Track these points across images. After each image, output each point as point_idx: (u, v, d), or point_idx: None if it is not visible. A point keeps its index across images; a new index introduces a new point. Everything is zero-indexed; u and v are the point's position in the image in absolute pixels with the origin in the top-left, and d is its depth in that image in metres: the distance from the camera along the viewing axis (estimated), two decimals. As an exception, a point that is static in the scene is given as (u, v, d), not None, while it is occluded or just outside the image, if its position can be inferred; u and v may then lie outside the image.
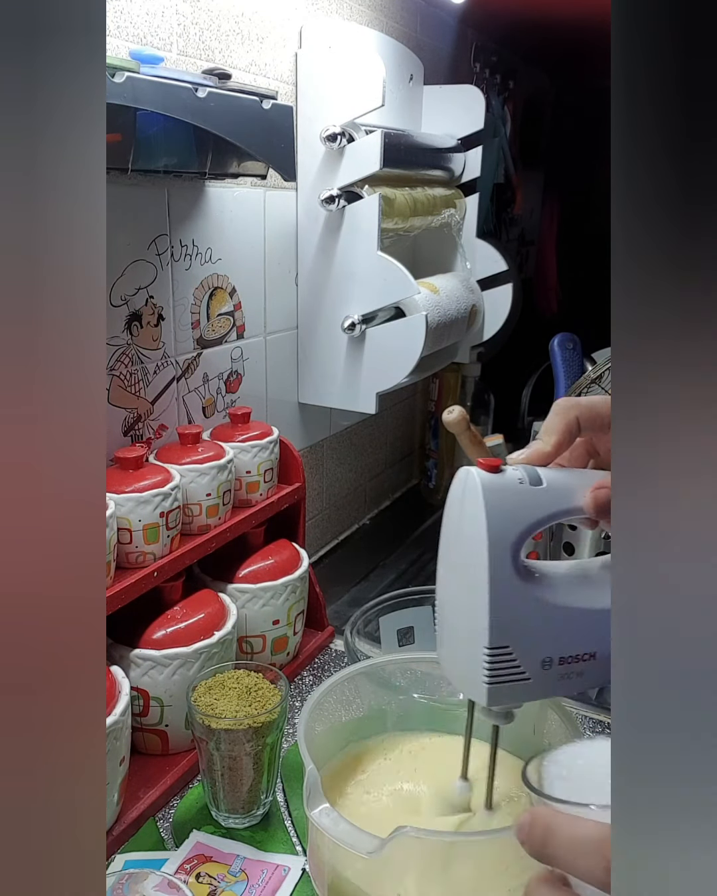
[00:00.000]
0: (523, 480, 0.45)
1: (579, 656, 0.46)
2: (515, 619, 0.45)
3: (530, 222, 1.92)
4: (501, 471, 0.45)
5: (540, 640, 0.46)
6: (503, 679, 0.45)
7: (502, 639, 0.45)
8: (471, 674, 0.46)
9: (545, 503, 0.45)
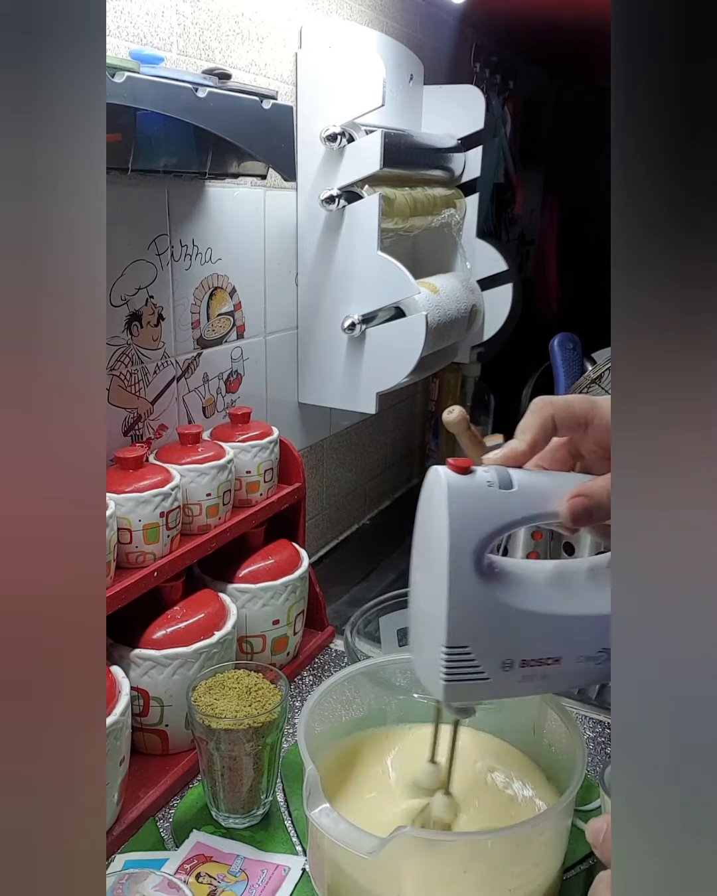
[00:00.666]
0: (493, 483, 0.45)
1: (542, 660, 0.46)
2: (475, 620, 0.45)
3: (530, 222, 1.92)
4: (470, 472, 0.45)
5: (501, 643, 0.46)
6: (461, 677, 0.45)
7: (460, 638, 0.45)
8: (431, 670, 0.46)
9: (515, 507, 0.45)
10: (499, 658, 0.46)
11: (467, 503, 0.44)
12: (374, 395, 1.00)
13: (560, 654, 0.46)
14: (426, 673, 0.48)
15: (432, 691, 0.48)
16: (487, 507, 0.44)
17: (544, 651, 0.46)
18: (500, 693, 0.48)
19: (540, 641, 0.46)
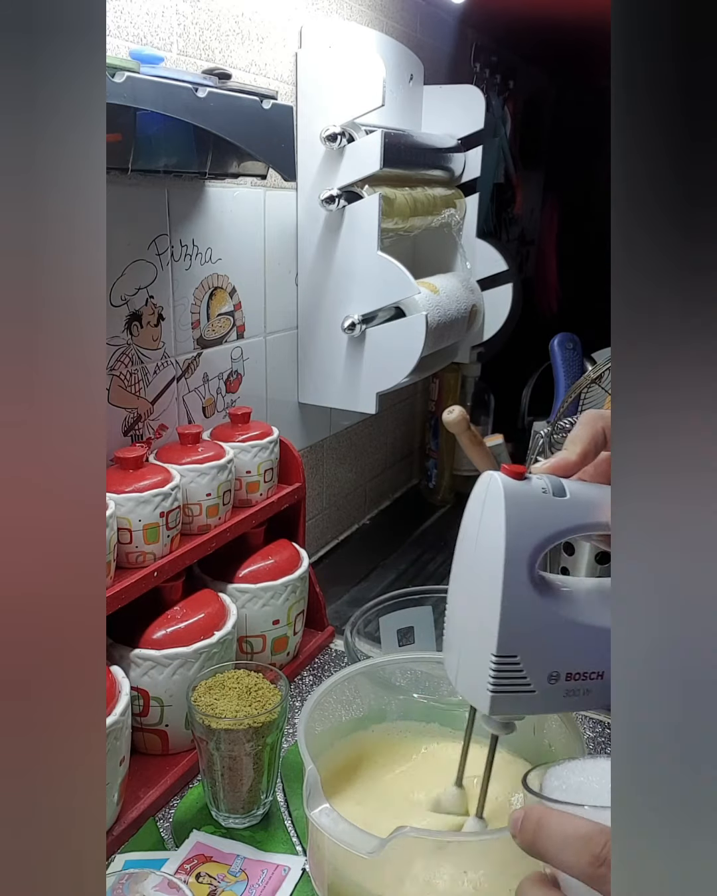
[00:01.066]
0: (547, 490, 0.44)
1: (587, 674, 0.46)
2: (526, 630, 0.44)
3: (530, 222, 1.92)
4: (525, 478, 0.44)
5: (549, 654, 0.45)
6: (508, 689, 0.45)
7: (510, 647, 0.44)
8: (476, 680, 0.46)
9: (568, 515, 0.45)
10: (547, 670, 0.45)
11: (524, 508, 0.44)
12: (374, 395, 1.00)
13: (605, 668, 0.46)
14: (469, 684, 0.47)
15: (477, 703, 0.47)
16: (542, 514, 0.44)
17: (589, 665, 0.46)
18: (544, 707, 0.47)
19: (587, 654, 0.46)
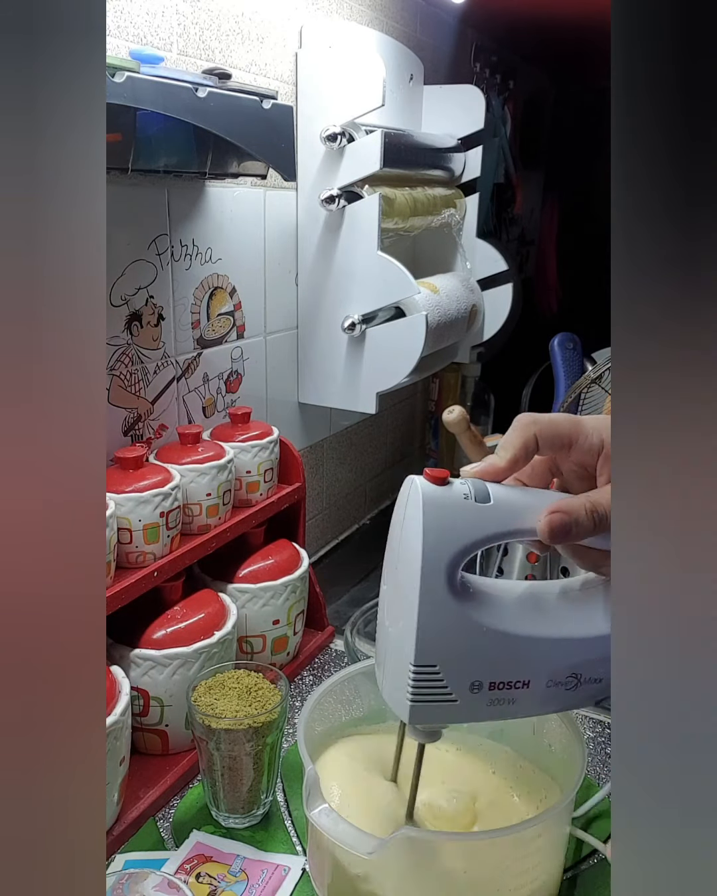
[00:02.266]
0: (469, 496, 0.43)
1: (511, 683, 0.45)
2: (445, 639, 0.43)
3: (530, 222, 1.92)
4: (447, 483, 0.43)
5: (470, 663, 0.44)
6: (428, 698, 0.44)
7: (429, 657, 0.43)
8: (397, 690, 0.45)
9: (490, 522, 0.43)
10: (468, 679, 0.44)
11: (443, 515, 0.42)
12: (374, 395, 1.00)
13: (530, 677, 0.45)
14: (392, 693, 0.46)
15: (398, 712, 0.46)
16: (462, 521, 0.43)
17: (514, 674, 0.45)
18: (467, 717, 0.46)
19: (511, 663, 0.45)
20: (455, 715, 0.45)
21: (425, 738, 0.50)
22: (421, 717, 0.45)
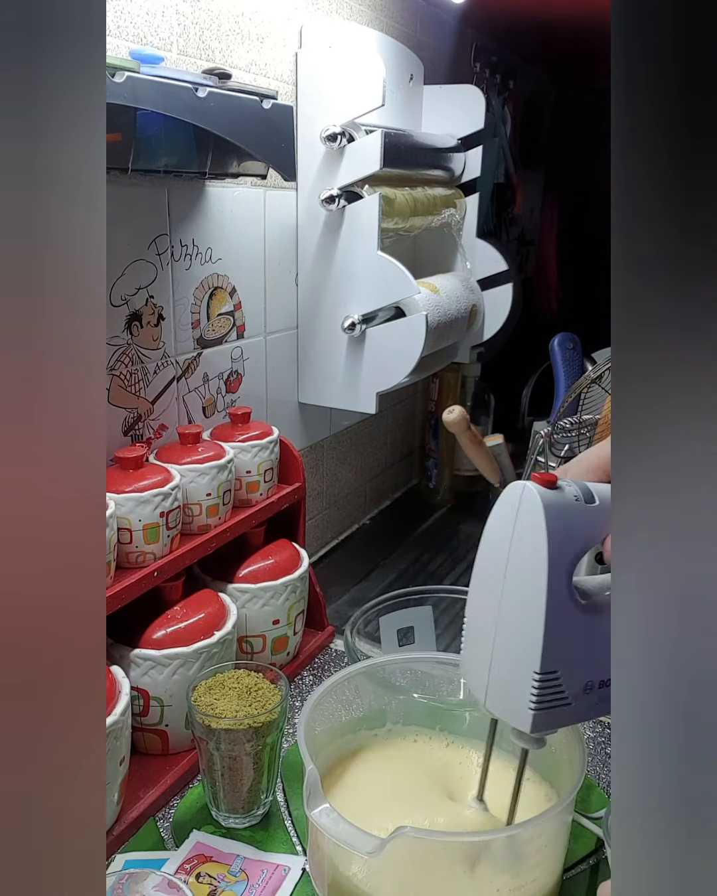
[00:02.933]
0: (579, 497, 0.43)
1: None
2: (566, 643, 0.43)
3: (530, 222, 1.92)
4: (558, 487, 0.43)
5: (586, 664, 0.44)
6: (548, 705, 0.43)
7: (552, 663, 0.43)
8: (513, 698, 0.44)
9: (600, 521, 0.43)
10: (582, 680, 0.44)
11: (562, 519, 0.42)
12: (374, 395, 1.00)
13: None
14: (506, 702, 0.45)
15: (516, 721, 0.45)
16: (577, 523, 0.43)
17: None
18: (578, 717, 0.46)
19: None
20: (569, 717, 0.45)
21: (533, 745, 0.48)
22: (540, 725, 0.44)
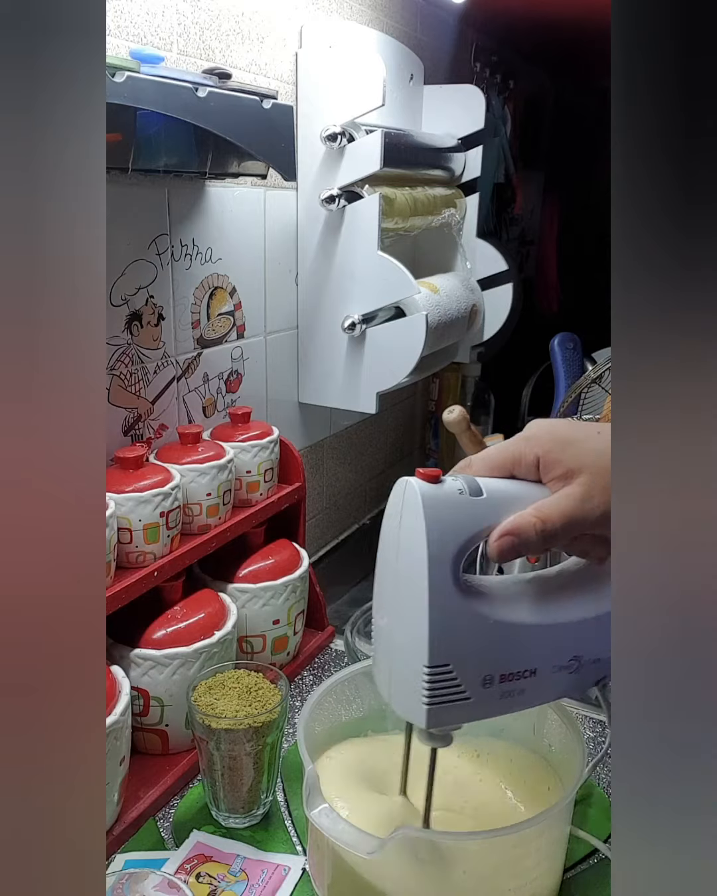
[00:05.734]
0: (463, 490, 0.43)
1: (520, 673, 0.45)
2: (456, 636, 0.43)
3: (530, 222, 1.92)
4: (440, 481, 0.43)
5: (481, 658, 0.44)
6: (443, 699, 0.44)
7: (442, 657, 0.43)
8: (409, 694, 0.44)
9: (485, 514, 0.44)
10: (480, 675, 0.44)
11: (442, 512, 0.43)
12: (374, 394, 1.00)
13: (537, 665, 0.45)
14: (403, 698, 0.46)
15: (412, 718, 0.46)
16: (460, 516, 0.43)
17: (521, 663, 0.45)
18: (480, 714, 0.46)
19: (517, 653, 0.45)
20: (469, 713, 0.45)
21: (438, 743, 0.49)
22: (438, 720, 0.44)
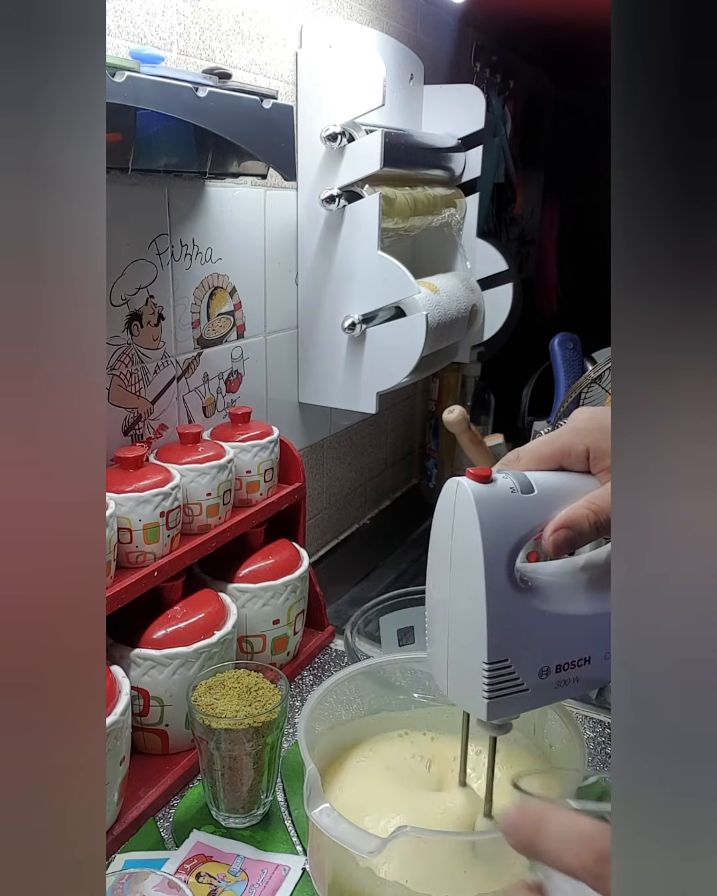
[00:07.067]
0: (515, 489, 0.44)
1: (574, 662, 0.46)
2: (512, 632, 0.44)
3: (530, 222, 1.92)
4: (492, 480, 0.44)
5: (537, 650, 0.45)
6: (503, 692, 0.45)
7: (500, 653, 0.44)
8: (469, 688, 0.45)
9: (538, 511, 0.44)
10: (537, 666, 0.45)
11: (495, 512, 0.43)
12: (374, 394, 1.00)
13: (590, 653, 0.46)
14: (463, 693, 0.47)
15: (473, 711, 0.47)
16: (513, 514, 0.44)
17: (575, 653, 0.46)
18: (538, 702, 0.47)
19: (571, 643, 0.46)
20: (528, 703, 0.46)
21: (498, 732, 0.50)
22: (497, 712, 0.46)
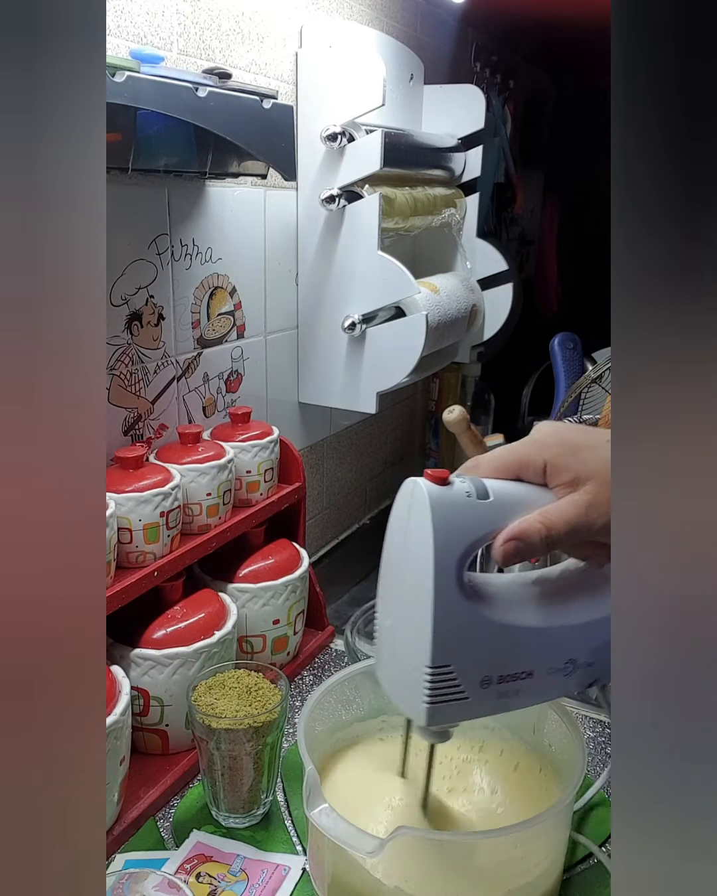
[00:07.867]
0: (471, 493, 0.44)
1: (517, 674, 0.45)
2: (457, 638, 0.44)
3: (530, 222, 1.92)
4: (448, 483, 0.44)
5: (481, 659, 0.45)
6: (443, 699, 0.44)
7: (444, 657, 0.44)
8: (411, 692, 0.45)
9: (492, 517, 0.44)
10: (479, 675, 0.45)
11: (449, 515, 0.43)
12: (374, 394, 1.00)
13: (533, 667, 0.46)
14: (405, 696, 0.46)
15: (413, 716, 0.46)
16: (467, 519, 0.43)
17: (519, 665, 0.45)
18: (477, 712, 0.47)
19: (515, 655, 0.45)
20: (467, 712, 0.46)
21: (436, 739, 0.50)
22: (437, 719, 0.45)
